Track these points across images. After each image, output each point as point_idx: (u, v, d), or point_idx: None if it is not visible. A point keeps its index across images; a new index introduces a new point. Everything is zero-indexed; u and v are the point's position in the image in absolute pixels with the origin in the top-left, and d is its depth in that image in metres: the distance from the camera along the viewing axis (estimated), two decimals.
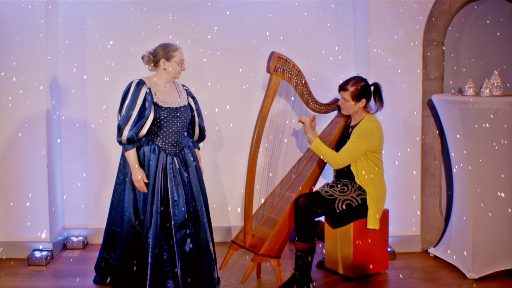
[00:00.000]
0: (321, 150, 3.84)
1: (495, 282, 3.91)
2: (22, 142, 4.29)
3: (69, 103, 4.63)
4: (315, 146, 3.86)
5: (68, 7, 4.56)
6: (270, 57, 3.80)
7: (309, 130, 3.91)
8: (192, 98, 3.86)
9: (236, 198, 4.78)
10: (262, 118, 3.83)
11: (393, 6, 4.35)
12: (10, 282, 3.95)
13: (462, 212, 4.14)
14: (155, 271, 3.56)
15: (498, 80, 4.08)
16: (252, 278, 4.01)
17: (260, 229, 3.97)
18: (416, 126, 4.45)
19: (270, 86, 3.83)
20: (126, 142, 3.56)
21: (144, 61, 3.72)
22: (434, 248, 4.44)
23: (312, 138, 3.88)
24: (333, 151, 3.87)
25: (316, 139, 3.86)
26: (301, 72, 3.89)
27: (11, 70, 4.24)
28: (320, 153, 3.85)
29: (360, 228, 3.90)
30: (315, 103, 4.03)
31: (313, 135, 3.90)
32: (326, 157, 3.84)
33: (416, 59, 4.41)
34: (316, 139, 3.86)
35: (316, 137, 3.88)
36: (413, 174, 4.48)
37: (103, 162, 4.68)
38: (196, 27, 4.60)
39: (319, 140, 3.86)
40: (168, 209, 3.61)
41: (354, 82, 3.87)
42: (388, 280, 4.00)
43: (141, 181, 3.60)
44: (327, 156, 3.83)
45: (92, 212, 4.72)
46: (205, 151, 4.64)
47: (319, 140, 3.86)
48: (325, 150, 3.84)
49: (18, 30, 4.21)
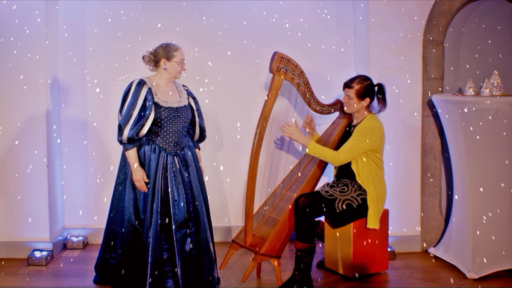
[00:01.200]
0: (318, 152, 3.80)
1: (495, 282, 3.91)
2: (22, 142, 4.29)
3: (69, 103, 4.63)
4: (311, 150, 3.80)
5: (68, 7, 4.56)
6: (273, 57, 3.78)
7: (298, 137, 3.82)
8: (192, 98, 3.86)
9: (236, 198, 4.78)
10: (264, 118, 3.82)
11: (393, 6, 4.35)
12: (10, 282, 3.94)
13: (462, 212, 4.14)
14: (155, 271, 3.56)
15: (498, 80, 4.08)
16: (252, 278, 4.01)
17: (261, 228, 3.96)
18: (416, 126, 4.45)
19: (272, 86, 3.81)
20: (127, 141, 3.56)
21: (144, 61, 3.72)
22: (434, 248, 4.44)
23: (306, 143, 3.80)
24: (330, 149, 3.83)
25: (310, 142, 3.79)
26: (303, 72, 3.88)
27: (11, 70, 4.24)
28: (318, 155, 3.81)
29: (360, 228, 3.90)
30: (317, 103, 4.01)
31: (305, 140, 3.81)
32: (324, 156, 3.81)
33: (416, 59, 4.41)
34: (310, 143, 3.79)
35: (309, 141, 3.80)
36: (413, 174, 4.48)
37: (103, 162, 4.68)
38: (197, 27, 4.60)
39: (313, 142, 3.80)
40: (168, 208, 3.61)
41: (360, 80, 3.87)
42: (388, 280, 4.00)
43: (141, 180, 3.60)
44: (326, 156, 3.80)
45: (92, 212, 4.72)
46: (206, 151, 4.64)
47: (313, 143, 3.80)
48: (322, 150, 3.80)
49: (18, 30, 4.21)
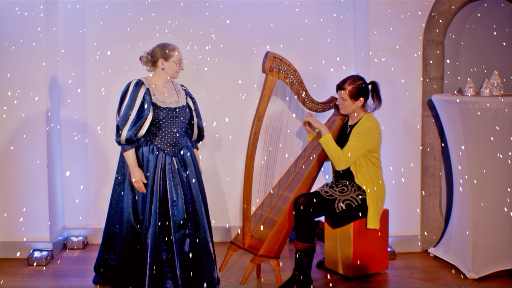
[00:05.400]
0: (329, 144, 3.81)
1: (495, 282, 3.90)
2: (22, 142, 4.30)
3: (69, 103, 4.63)
4: (325, 140, 3.83)
5: (68, 7, 4.56)
6: (266, 57, 3.78)
7: (317, 124, 3.90)
8: (190, 98, 3.85)
9: (235, 198, 4.78)
10: (258, 118, 3.81)
11: (393, 6, 4.35)
12: (10, 282, 3.95)
13: (462, 212, 4.13)
14: (154, 271, 3.56)
15: (498, 80, 4.07)
16: (252, 278, 4.00)
17: (259, 229, 3.96)
18: (416, 126, 4.45)
19: (265, 86, 3.81)
20: (125, 142, 3.55)
21: (142, 62, 3.72)
22: (434, 248, 4.44)
23: (324, 132, 3.85)
24: (339, 148, 3.82)
25: (328, 133, 3.84)
26: (297, 71, 3.87)
27: (11, 70, 4.24)
28: (327, 148, 3.82)
29: (360, 228, 3.90)
30: (311, 102, 4.01)
31: (325, 128, 3.88)
32: (331, 153, 3.81)
33: (416, 59, 4.40)
34: (328, 134, 3.84)
35: (328, 131, 3.86)
36: (413, 174, 4.47)
37: (103, 162, 4.69)
38: (195, 28, 4.60)
39: (330, 135, 3.84)
40: (167, 209, 3.61)
41: (352, 81, 3.86)
42: (388, 280, 3.99)
43: (140, 181, 3.59)
44: (333, 152, 3.80)
45: (92, 212, 4.72)
46: (204, 151, 4.64)
47: (330, 135, 3.84)
48: (333, 145, 3.81)
49: (18, 31, 4.22)
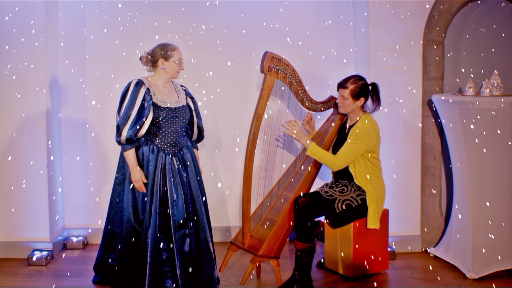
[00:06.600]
0: (317, 155, 3.79)
1: (495, 282, 3.90)
2: (22, 142, 4.30)
3: (69, 103, 4.63)
4: (311, 152, 3.79)
5: (68, 7, 4.56)
6: (264, 57, 3.77)
7: (301, 137, 3.80)
8: (190, 98, 3.85)
9: (235, 198, 4.78)
10: (257, 118, 3.80)
11: (393, 6, 4.35)
12: (10, 282, 3.95)
13: (462, 212, 4.13)
14: (154, 271, 3.56)
15: (498, 80, 4.07)
16: (252, 278, 4.00)
17: (259, 229, 3.96)
18: (416, 126, 4.45)
19: (264, 86, 3.80)
20: (125, 142, 3.55)
21: (142, 62, 3.72)
22: (434, 248, 4.44)
23: (307, 145, 3.79)
24: (330, 153, 3.82)
25: (311, 144, 3.78)
26: (295, 71, 3.86)
27: (11, 70, 4.24)
28: (317, 158, 3.80)
29: (360, 228, 3.90)
30: (310, 101, 4.00)
31: (306, 141, 3.79)
32: (323, 160, 3.80)
33: (416, 59, 4.41)
34: (311, 145, 3.78)
35: (311, 143, 3.79)
36: (413, 174, 4.47)
37: (103, 162, 4.69)
38: (195, 27, 4.60)
39: (314, 145, 3.79)
40: (167, 209, 3.61)
41: (354, 80, 3.86)
42: (388, 280, 3.99)
43: (140, 181, 3.59)
44: (325, 160, 3.79)
45: (92, 212, 4.72)
46: (203, 151, 4.64)
47: (315, 145, 3.79)
48: (322, 154, 3.78)
49: (18, 30, 4.22)
